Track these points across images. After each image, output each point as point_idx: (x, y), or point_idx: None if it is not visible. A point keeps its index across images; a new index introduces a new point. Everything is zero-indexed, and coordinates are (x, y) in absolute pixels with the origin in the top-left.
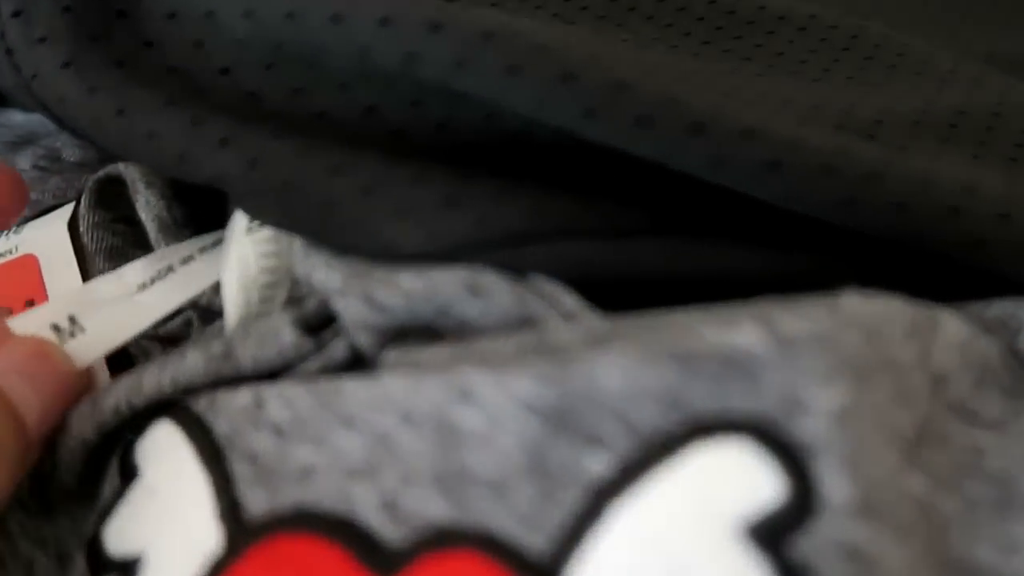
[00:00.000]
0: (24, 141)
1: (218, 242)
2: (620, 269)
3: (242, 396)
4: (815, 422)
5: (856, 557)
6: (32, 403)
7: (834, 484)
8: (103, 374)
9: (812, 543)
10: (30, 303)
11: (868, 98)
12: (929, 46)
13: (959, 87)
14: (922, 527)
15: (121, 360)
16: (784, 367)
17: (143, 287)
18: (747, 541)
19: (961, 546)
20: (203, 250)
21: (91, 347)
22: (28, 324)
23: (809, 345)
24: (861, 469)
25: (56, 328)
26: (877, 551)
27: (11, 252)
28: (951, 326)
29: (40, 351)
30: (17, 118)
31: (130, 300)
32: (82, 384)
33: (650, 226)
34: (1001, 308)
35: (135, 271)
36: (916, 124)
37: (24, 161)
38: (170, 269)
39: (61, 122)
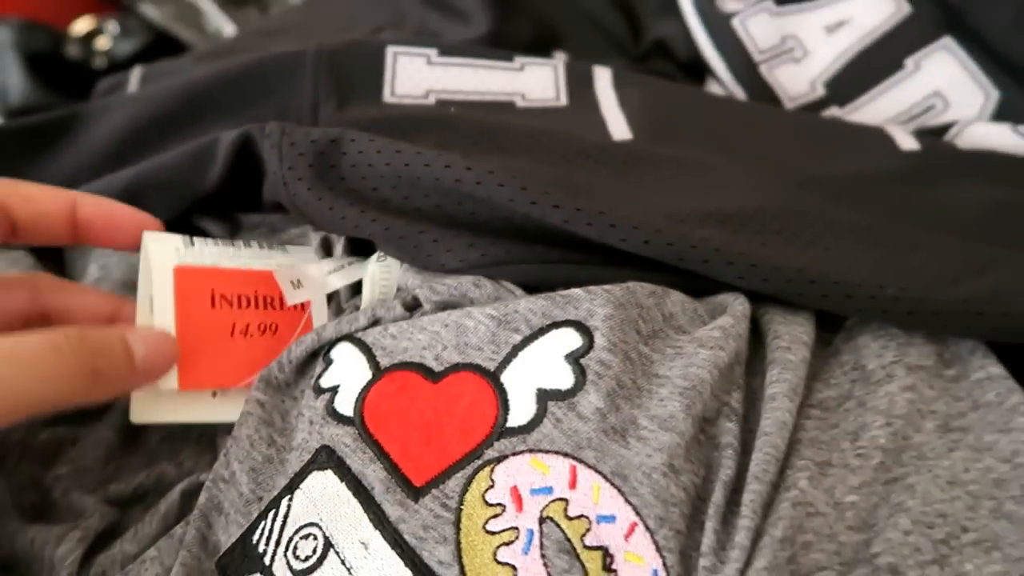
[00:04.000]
0: (272, 230)
1: (353, 261)
2: (543, 278)
3: (378, 328)
4: (598, 320)
5: (603, 364)
6: (142, 353)
7: (601, 341)
8: (324, 316)
9: (588, 360)
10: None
11: (700, 201)
12: (746, 170)
13: (751, 196)
14: (639, 365)
15: None
16: (589, 301)
17: (329, 273)
18: (568, 360)
19: (655, 370)
20: (350, 263)
21: (304, 295)
22: (281, 276)
23: (600, 292)
24: (612, 337)
25: (292, 283)
26: (613, 364)
27: (290, 268)
28: (675, 294)
29: (164, 335)
30: (254, 218)
31: (324, 278)
32: (174, 353)
33: (561, 259)
34: (717, 298)
35: (325, 265)
36: (729, 217)
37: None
38: (341, 267)
39: (302, 215)
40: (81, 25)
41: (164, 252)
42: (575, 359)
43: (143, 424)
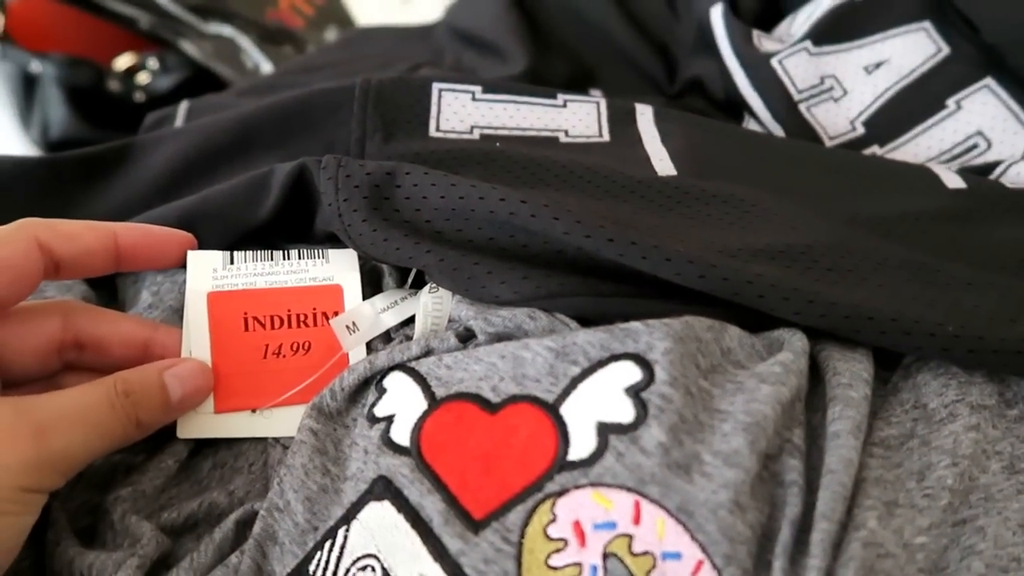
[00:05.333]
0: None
1: (407, 297)
2: (597, 311)
3: (431, 358)
4: (658, 353)
5: (665, 398)
6: (179, 396)
7: (662, 375)
8: (362, 351)
9: (649, 394)
10: (335, 313)
11: (749, 237)
12: (792, 207)
13: (799, 232)
14: (699, 400)
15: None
16: (648, 334)
17: (383, 311)
18: (629, 394)
19: (716, 404)
20: (403, 299)
21: (360, 339)
22: (336, 323)
23: (659, 326)
24: (673, 371)
25: (347, 327)
26: (675, 398)
27: (329, 279)
28: (733, 329)
29: (200, 368)
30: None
31: (377, 317)
32: (209, 386)
33: (614, 293)
34: (774, 334)
35: (378, 302)
36: (780, 253)
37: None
38: (394, 304)
39: (356, 246)
40: (123, 61)
41: (200, 276)
42: (635, 392)
43: (190, 439)
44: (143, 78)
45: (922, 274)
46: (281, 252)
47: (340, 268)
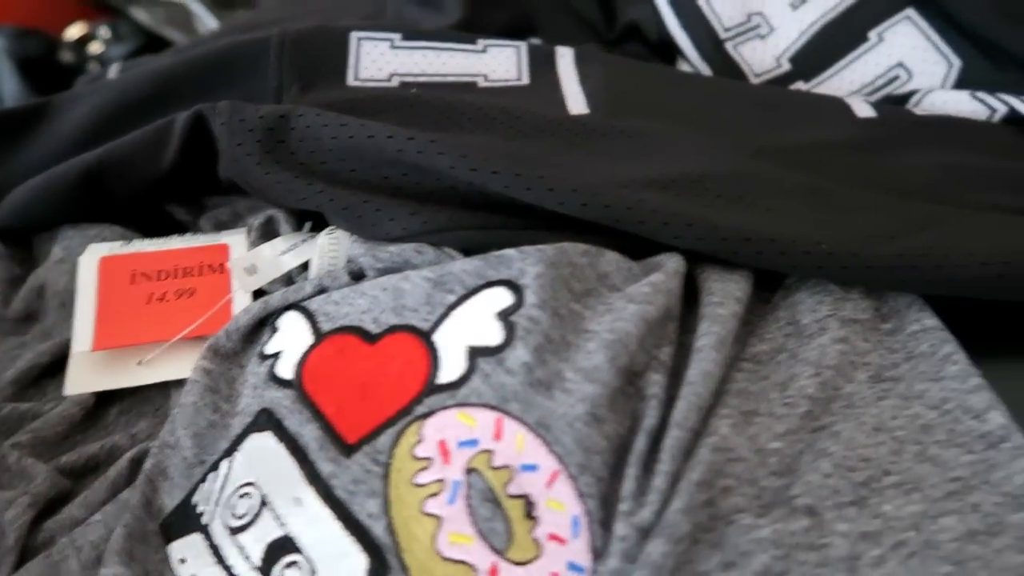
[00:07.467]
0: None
1: (306, 239)
2: (485, 243)
3: (322, 296)
4: (529, 278)
5: (532, 319)
6: None
7: (531, 298)
8: (248, 298)
9: (518, 317)
10: (220, 265)
11: (647, 168)
12: (699, 139)
13: (697, 162)
14: (569, 321)
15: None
16: (521, 260)
17: (283, 253)
18: (499, 318)
19: (585, 325)
20: (304, 240)
21: (258, 280)
22: (235, 264)
23: (532, 252)
24: (542, 294)
25: (245, 271)
26: (542, 319)
27: (216, 241)
28: (610, 254)
29: None
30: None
31: (277, 259)
32: None
33: (502, 225)
34: (654, 259)
35: (278, 244)
36: (673, 182)
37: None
38: (293, 246)
39: (252, 189)
40: (74, 31)
41: (95, 249)
42: (505, 316)
43: (76, 393)
44: (95, 47)
45: (815, 198)
46: (177, 236)
47: (230, 237)
